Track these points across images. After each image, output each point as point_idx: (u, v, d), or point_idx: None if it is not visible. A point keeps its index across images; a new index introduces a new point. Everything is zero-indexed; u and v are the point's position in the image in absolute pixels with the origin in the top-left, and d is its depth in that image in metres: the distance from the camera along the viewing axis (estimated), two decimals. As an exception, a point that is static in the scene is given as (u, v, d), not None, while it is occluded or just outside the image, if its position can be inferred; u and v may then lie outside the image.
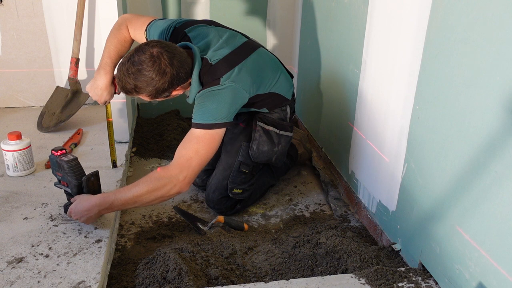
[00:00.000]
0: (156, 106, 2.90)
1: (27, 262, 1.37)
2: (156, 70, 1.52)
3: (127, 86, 1.56)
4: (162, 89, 1.57)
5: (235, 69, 1.68)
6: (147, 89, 1.55)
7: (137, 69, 1.52)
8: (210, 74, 1.66)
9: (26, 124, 2.45)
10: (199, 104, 1.64)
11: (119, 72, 1.57)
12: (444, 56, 1.27)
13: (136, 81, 1.53)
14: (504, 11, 1.04)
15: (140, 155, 2.41)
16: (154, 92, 1.56)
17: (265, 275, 1.55)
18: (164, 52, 1.53)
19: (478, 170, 1.15)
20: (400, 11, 1.51)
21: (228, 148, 1.92)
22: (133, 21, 1.84)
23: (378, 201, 1.74)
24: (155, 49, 1.52)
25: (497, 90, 1.07)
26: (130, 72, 1.53)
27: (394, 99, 1.58)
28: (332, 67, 2.18)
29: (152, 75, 1.52)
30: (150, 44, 1.55)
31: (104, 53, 1.81)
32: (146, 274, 1.44)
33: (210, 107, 1.61)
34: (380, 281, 1.36)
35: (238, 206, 1.95)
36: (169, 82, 1.56)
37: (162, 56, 1.52)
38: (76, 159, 1.57)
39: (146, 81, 1.53)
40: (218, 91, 1.64)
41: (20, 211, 1.65)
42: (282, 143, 1.93)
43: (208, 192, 1.92)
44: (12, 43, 2.58)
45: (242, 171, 1.89)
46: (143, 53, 1.52)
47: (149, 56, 1.51)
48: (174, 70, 1.55)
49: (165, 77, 1.54)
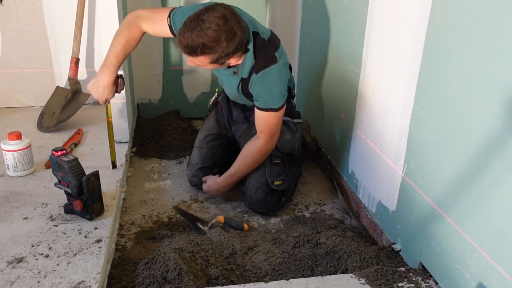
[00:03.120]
0: (156, 106, 2.90)
1: (27, 262, 1.37)
2: (227, 30, 1.49)
3: (193, 43, 1.49)
4: (227, 53, 1.54)
5: (281, 46, 1.75)
6: (214, 49, 1.51)
7: (207, 26, 1.46)
8: (265, 49, 1.69)
9: (26, 124, 2.45)
10: (266, 87, 1.71)
11: (183, 29, 1.50)
12: (444, 56, 1.27)
13: (204, 39, 1.47)
14: (504, 11, 1.04)
15: (140, 155, 2.41)
16: (219, 54, 1.53)
17: (265, 275, 1.55)
18: (234, 14, 1.51)
19: (478, 170, 1.15)
20: (400, 11, 1.51)
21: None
22: (148, 16, 1.77)
23: (378, 201, 1.74)
24: (226, 10, 1.50)
25: (497, 90, 1.07)
26: (199, 29, 1.47)
27: (394, 99, 1.58)
28: (332, 67, 2.18)
29: (222, 35, 1.48)
30: (220, 4, 1.51)
31: (110, 52, 1.77)
32: (146, 274, 1.44)
33: (276, 90, 1.72)
34: (380, 281, 1.36)
35: (283, 199, 1.97)
36: (235, 46, 1.54)
37: (232, 18, 1.49)
38: (76, 159, 1.57)
39: (216, 40, 1.48)
40: (277, 69, 1.70)
41: (20, 211, 1.65)
42: (299, 129, 2.01)
43: (250, 196, 1.92)
44: (12, 43, 2.58)
45: (275, 162, 1.92)
46: (214, 11, 1.48)
47: (221, 15, 1.48)
48: (241, 34, 1.54)
49: (234, 40, 1.52)
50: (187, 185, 2.15)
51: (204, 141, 2.10)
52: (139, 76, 2.79)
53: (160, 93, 2.88)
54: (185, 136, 2.62)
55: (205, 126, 2.15)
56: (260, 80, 1.71)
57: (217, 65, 1.60)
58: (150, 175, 2.24)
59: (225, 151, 2.12)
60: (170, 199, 2.04)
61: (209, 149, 2.09)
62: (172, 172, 2.27)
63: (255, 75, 1.71)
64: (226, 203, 2.03)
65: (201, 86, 2.90)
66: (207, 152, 2.09)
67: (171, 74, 2.84)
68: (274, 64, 1.70)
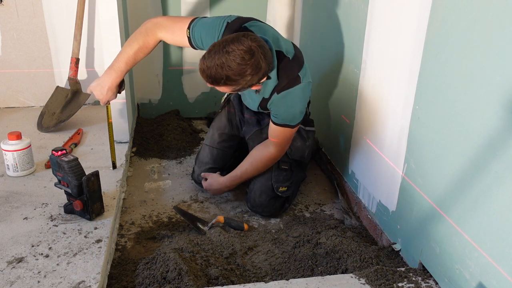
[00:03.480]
0: (156, 106, 2.90)
1: (27, 262, 1.37)
2: (253, 65, 1.47)
3: (216, 75, 1.47)
4: (250, 84, 1.53)
5: (305, 65, 1.73)
6: (237, 82, 1.49)
7: (232, 59, 1.44)
8: (288, 69, 1.67)
9: (26, 124, 2.45)
10: (286, 107, 1.71)
11: (209, 60, 1.47)
12: (444, 56, 1.27)
13: (229, 72, 1.46)
14: (504, 11, 1.04)
15: (140, 155, 2.41)
16: (242, 85, 1.52)
17: (265, 275, 1.55)
18: (260, 46, 1.48)
19: (478, 170, 1.15)
20: (400, 11, 1.51)
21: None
22: (167, 25, 1.73)
23: (378, 201, 1.74)
24: (253, 43, 1.47)
25: (497, 90, 1.07)
26: (224, 62, 1.44)
27: (394, 99, 1.58)
28: (332, 67, 2.18)
29: (247, 70, 1.47)
30: (246, 36, 1.49)
31: (120, 56, 1.75)
32: (146, 274, 1.44)
33: (296, 110, 1.72)
34: (380, 281, 1.36)
35: (286, 205, 1.97)
36: (259, 78, 1.54)
37: (258, 51, 1.47)
38: (77, 159, 1.57)
39: (241, 74, 1.47)
40: (301, 90, 1.70)
41: (20, 211, 1.65)
42: (311, 137, 2.00)
43: (253, 198, 1.91)
44: (12, 43, 2.58)
45: (282, 168, 1.92)
46: (241, 44, 1.45)
47: (247, 49, 1.45)
48: (266, 67, 1.52)
49: (258, 73, 1.51)
50: (187, 185, 2.15)
51: (216, 141, 2.09)
52: (139, 76, 2.79)
53: (160, 93, 2.88)
54: (185, 136, 2.62)
55: (216, 124, 2.13)
56: (281, 100, 1.70)
57: (237, 91, 1.59)
58: (150, 175, 2.24)
59: (236, 153, 2.12)
60: (170, 199, 2.04)
61: (220, 150, 2.08)
62: (172, 172, 2.27)
63: (277, 94, 1.70)
64: (226, 203, 2.03)
65: (201, 86, 2.90)
66: (218, 153, 2.08)
67: (171, 74, 2.84)
68: (298, 85, 1.69)
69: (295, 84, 1.68)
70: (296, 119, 1.75)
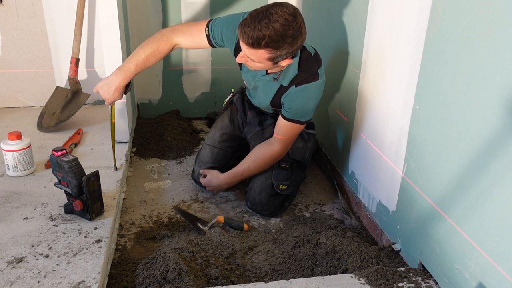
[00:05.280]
0: (156, 106, 2.90)
1: (27, 262, 1.37)
2: (295, 27, 1.48)
3: (259, 35, 1.45)
4: (286, 52, 1.53)
5: (323, 65, 1.76)
6: (278, 44, 1.48)
7: (276, 20, 1.44)
8: (309, 64, 1.69)
9: (26, 124, 2.45)
10: (301, 101, 1.72)
11: (249, 20, 1.47)
12: (444, 56, 1.27)
13: (272, 31, 1.45)
14: (504, 11, 1.04)
15: (140, 155, 2.41)
16: (281, 51, 1.51)
17: (265, 275, 1.55)
18: (300, 15, 1.50)
19: (478, 170, 1.15)
20: (400, 11, 1.51)
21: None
22: (184, 29, 1.78)
23: (378, 201, 1.74)
24: (295, 9, 1.49)
25: (497, 90, 1.07)
26: (267, 21, 1.44)
27: (394, 99, 1.58)
28: (332, 67, 2.18)
29: (290, 31, 1.47)
30: (287, 2, 1.50)
31: (131, 58, 1.76)
32: (146, 274, 1.44)
33: (310, 106, 1.75)
34: (380, 281, 1.36)
35: (286, 203, 1.97)
36: (297, 47, 1.54)
37: (300, 17, 1.49)
38: (77, 159, 1.57)
39: (282, 35, 1.46)
40: (317, 87, 1.73)
41: (20, 211, 1.65)
42: (312, 139, 2.02)
43: (253, 196, 1.91)
44: (12, 43, 2.58)
45: (283, 167, 1.93)
46: (284, 6, 1.47)
47: (291, 12, 1.47)
48: (305, 35, 1.54)
49: (298, 39, 1.51)
50: (187, 185, 2.15)
51: (217, 140, 2.10)
52: (139, 76, 2.78)
53: (160, 93, 2.88)
54: (185, 136, 2.62)
55: (218, 124, 2.15)
56: (297, 94, 1.72)
57: (269, 64, 1.57)
58: (150, 175, 2.24)
59: (236, 154, 2.12)
60: (170, 199, 2.04)
61: (221, 149, 2.09)
62: (172, 172, 2.27)
63: (295, 87, 1.72)
64: (226, 203, 2.03)
65: (201, 86, 2.91)
66: (219, 152, 2.09)
67: (171, 74, 2.84)
68: (316, 81, 1.72)
69: (314, 80, 1.71)
70: (308, 115, 1.78)
